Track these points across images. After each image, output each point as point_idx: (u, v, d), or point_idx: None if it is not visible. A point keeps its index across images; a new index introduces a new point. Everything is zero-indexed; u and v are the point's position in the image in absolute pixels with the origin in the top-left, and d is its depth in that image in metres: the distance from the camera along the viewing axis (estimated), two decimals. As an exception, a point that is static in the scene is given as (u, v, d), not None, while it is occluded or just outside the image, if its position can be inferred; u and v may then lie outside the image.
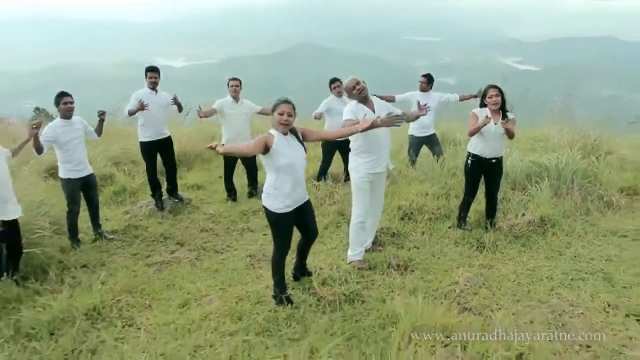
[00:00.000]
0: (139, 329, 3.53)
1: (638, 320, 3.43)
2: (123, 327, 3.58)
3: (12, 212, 4.17)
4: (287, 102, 3.43)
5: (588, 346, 3.12)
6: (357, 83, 4.15)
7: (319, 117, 6.37)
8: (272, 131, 3.45)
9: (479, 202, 5.44)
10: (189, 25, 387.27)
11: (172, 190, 6.32)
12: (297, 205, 3.58)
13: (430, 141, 6.94)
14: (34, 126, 4.54)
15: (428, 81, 6.75)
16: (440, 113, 7.17)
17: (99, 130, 5.40)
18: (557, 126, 7.93)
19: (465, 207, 5.18)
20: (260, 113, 6.51)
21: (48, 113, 11.49)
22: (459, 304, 3.66)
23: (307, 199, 3.69)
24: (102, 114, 5.35)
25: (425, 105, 4.42)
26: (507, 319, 3.37)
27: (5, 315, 3.72)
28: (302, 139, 3.60)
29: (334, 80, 6.47)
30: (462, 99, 6.86)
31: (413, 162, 6.99)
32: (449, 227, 5.21)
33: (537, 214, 5.23)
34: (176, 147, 6.56)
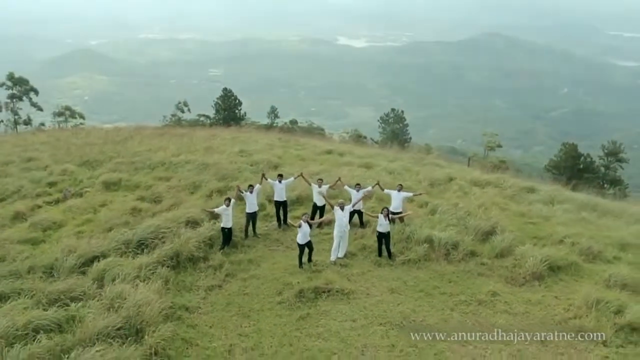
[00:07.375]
0: (263, 266, 13.06)
1: (395, 293, 11.73)
2: (259, 264, 13.16)
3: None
4: None
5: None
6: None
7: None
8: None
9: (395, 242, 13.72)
10: (374, 5, 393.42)
11: (285, 220, 15.73)
12: (307, 240, 12.63)
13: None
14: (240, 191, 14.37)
15: (400, 188, 14.93)
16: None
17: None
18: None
19: (379, 248, 13.52)
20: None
21: None
22: (349, 279, 12.34)
23: (310, 239, 12.71)
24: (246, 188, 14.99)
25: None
26: (366, 285, 11.98)
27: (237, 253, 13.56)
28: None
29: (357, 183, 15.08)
30: (415, 195, 14.97)
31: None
32: (375, 255, 13.64)
33: (410, 257, 13.33)
34: (293, 194, 16.06)
